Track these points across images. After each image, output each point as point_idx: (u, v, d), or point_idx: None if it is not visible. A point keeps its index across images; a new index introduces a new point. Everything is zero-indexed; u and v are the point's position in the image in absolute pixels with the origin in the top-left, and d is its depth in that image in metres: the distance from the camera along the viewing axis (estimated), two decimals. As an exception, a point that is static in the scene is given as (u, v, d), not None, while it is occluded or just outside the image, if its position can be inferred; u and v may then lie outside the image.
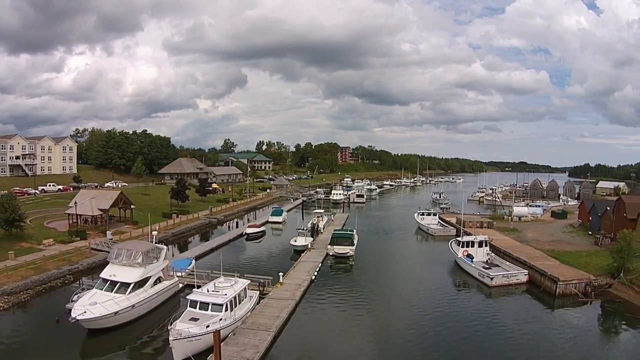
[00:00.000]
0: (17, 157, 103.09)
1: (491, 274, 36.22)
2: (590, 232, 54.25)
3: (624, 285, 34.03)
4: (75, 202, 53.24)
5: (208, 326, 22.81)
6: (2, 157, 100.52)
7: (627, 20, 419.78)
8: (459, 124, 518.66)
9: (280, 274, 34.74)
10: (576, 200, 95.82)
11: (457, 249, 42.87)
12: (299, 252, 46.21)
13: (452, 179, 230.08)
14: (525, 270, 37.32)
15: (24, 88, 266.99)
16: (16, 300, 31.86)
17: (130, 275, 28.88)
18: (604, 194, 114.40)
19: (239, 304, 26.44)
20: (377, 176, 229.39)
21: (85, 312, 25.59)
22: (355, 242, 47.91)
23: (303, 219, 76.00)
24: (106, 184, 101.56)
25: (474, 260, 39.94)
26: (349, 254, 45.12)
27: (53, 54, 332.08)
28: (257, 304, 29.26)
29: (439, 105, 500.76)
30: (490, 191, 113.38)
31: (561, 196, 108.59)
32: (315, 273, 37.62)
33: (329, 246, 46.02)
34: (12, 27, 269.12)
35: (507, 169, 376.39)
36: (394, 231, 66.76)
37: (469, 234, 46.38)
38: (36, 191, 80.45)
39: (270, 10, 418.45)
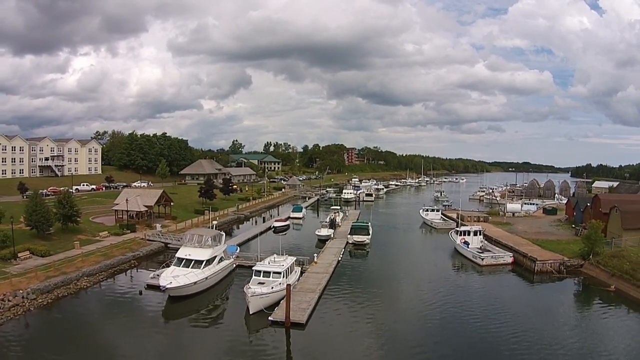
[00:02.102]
0: (47, 159, 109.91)
1: (482, 256, 44.93)
2: (574, 226, 62.16)
3: (592, 265, 42.16)
4: (127, 200, 61.74)
5: (273, 287, 31.26)
6: (32, 159, 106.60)
7: (629, 20, 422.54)
8: (462, 124, 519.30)
9: (315, 255, 43.82)
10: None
11: (455, 237, 51.60)
12: (323, 240, 54.87)
13: (455, 179, 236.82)
14: (511, 253, 45.94)
15: (28, 89, 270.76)
16: (95, 280, 38.88)
17: (203, 254, 37.22)
18: (599, 193, 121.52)
19: (290, 274, 35.00)
20: (383, 176, 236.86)
21: (171, 282, 33.44)
22: (371, 232, 56.49)
23: (318, 215, 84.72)
24: (133, 184, 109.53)
25: (469, 246, 48.45)
26: (365, 242, 53.93)
27: (57, 54, 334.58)
28: (300, 275, 37.88)
29: (442, 106, 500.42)
30: (490, 191, 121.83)
31: (556, 195, 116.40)
32: (341, 255, 46.47)
33: (349, 235, 54.86)
34: (17, 28, 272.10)
35: (510, 169, 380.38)
36: (402, 225, 75.45)
37: (466, 226, 54.80)
38: (72, 190, 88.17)
39: (274, 11, 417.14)
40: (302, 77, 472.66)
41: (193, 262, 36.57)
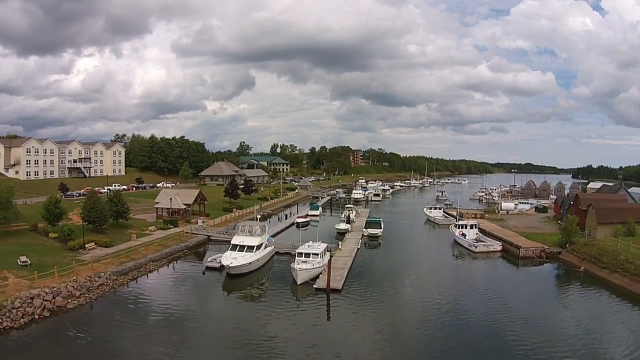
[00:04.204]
0: (75, 161, 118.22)
1: (476, 244, 54.46)
2: (559, 221, 71.17)
3: (568, 252, 50.96)
4: (171, 198, 71.13)
5: (313, 265, 40.67)
6: (62, 161, 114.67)
7: (631, 21, 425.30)
8: (465, 125, 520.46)
9: (339, 243, 53.56)
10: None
11: (454, 230, 61.24)
12: (342, 233, 64.15)
13: (458, 180, 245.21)
14: (500, 243, 55.30)
15: (32, 89, 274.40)
16: (159, 265, 46.19)
17: (254, 240, 46.30)
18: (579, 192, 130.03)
19: (324, 255, 44.31)
20: (387, 178, 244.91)
21: (232, 262, 42.11)
22: (382, 226, 65.95)
23: (331, 213, 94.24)
24: (158, 185, 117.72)
25: (466, 237, 57.79)
26: (378, 235, 63.56)
27: (62, 55, 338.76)
28: (330, 258, 47.16)
29: (445, 107, 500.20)
30: (490, 191, 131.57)
31: (551, 195, 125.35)
32: (359, 245, 55.93)
33: (364, 229, 64.42)
34: (21, 30, 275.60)
35: (513, 170, 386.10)
36: (408, 221, 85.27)
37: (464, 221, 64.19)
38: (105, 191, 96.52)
39: (278, 13, 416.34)
40: (306, 78, 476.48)
41: (246, 247, 45.07)
